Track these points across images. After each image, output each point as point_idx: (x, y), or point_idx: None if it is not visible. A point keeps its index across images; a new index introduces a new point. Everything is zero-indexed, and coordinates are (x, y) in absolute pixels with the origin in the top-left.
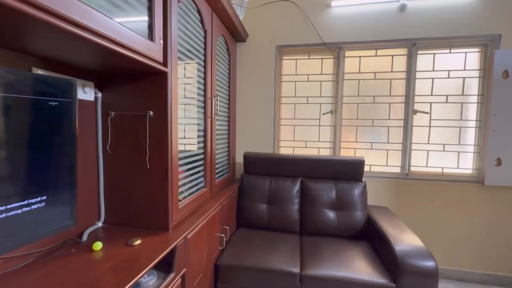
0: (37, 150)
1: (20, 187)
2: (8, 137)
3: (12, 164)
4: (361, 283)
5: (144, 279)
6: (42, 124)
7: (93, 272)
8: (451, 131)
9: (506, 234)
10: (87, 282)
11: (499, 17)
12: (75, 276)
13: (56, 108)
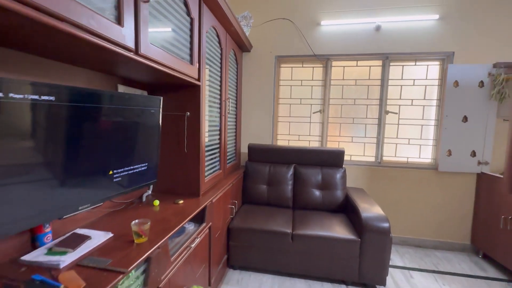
0: (145, 138)
1: (138, 158)
2: (133, 131)
3: (134, 147)
4: (335, 239)
5: (187, 225)
6: (146, 124)
7: (160, 215)
8: (414, 128)
9: (454, 209)
10: (159, 218)
11: (453, 38)
12: (151, 216)
13: (153, 114)
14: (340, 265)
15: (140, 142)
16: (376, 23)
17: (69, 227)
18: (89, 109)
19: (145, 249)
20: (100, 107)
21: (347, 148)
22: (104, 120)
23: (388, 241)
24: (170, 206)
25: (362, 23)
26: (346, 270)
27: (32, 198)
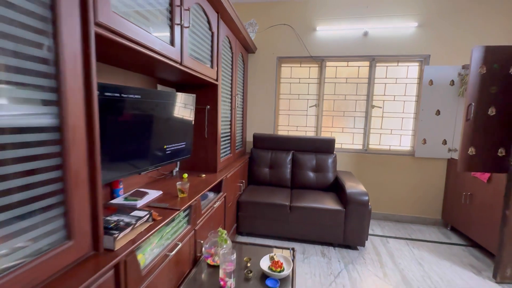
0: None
1: (180, 139)
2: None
3: (178, 131)
4: (325, 209)
5: (208, 194)
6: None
7: (192, 183)
8: (396, 120)
9: (427, 190)
10: (193, 184)
11: (429, 43)
12: None
13: (188, 109)
14: (328, 230)
15: (181, 128)
16: (364, 29)
17: (131, 187)
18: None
19: (187, 201)
20: (165, 102)
21: (338, 137)
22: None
23: (367, 211)
24: (195, 178)
25: (352, 29)
26: (334, 234)
27: (126, 161)
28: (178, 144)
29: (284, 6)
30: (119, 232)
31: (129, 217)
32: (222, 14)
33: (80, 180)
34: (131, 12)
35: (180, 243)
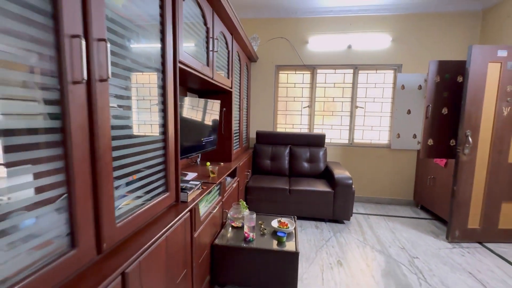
0: (214, 124)
1: (210, 133)
2: (210, 121)
3: (211, 128)
4: (318, 191)
5: (227, 178)
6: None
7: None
8: (375, 118)
9: (401, 176)
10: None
11: (401, 55)
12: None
13: (216, 111)
14: (320, 208)
15: (211, 125)
16: (349, 44)
17: None
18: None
19: (217, 179)
20: (206, 108)
21: (328, 133)
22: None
23: (351, 192)
24: (216, 165)
25: (338, 42)
26: (325, 211)
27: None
28: (209, 137)
29: (282, 22)
30: (188, 192)
31: (188, 185)
32: (235, 35)
33: (171, 159)
34: (186, 48)
35: (217, 206)
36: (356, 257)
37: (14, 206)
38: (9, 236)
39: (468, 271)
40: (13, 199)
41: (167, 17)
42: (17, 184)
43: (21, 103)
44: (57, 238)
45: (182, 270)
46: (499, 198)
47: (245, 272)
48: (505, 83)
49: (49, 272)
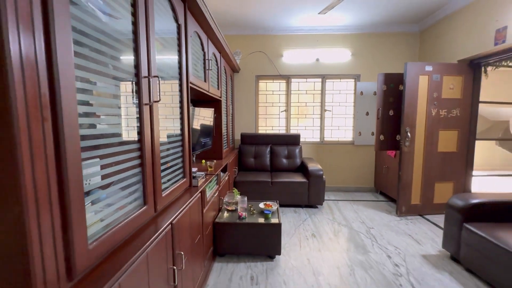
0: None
1: (207, 135)
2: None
3: (208, 131)
4: (295, 182)
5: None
6: (210, 121)
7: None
8: (341, 119)
9: (364, 167)
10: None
11: (359, 66)
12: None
13: (212, 117)
14: (298, 195)
15: (208, 129)
16: (317, 57)
17: None
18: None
19: (214, 172)
20: (208, 116)
21: (302, 133)
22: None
23: (322, 181)
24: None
25: (308, 55)
26: (301, 198)
27: None
28: (206, 138)
29: (260, 38)
30: (197, 179)
31: (195, 175)
32: (223, 53)
33: (187, 153)
34: (191, 70)
35: (215, 193)
36: (327, 230)
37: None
38: (96, 204)
39: (409, 234)
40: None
41: (183, 59)
42: (94, 172)
43: (116, 118)
44: (131, 204)
45: (197, 235)
46: (433, 180)
47: (240, 243)
48: (432, 91)
49: (129, 222)
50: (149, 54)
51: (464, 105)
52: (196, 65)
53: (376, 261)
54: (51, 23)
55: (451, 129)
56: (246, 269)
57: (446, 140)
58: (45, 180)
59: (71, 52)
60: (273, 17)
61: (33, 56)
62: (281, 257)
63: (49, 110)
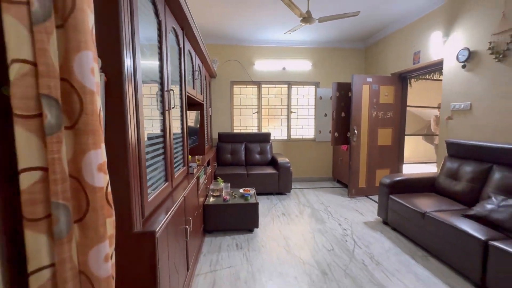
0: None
1: (195, 133)
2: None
3: (194, 130)
4: (267, 173)
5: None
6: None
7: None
8: (305, 120)
9: (324, 160)
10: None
11: (319, 74)
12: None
13: (198, 118)
14: (269, 185)
15: (195, 129)
16: (283, 66)
17: None
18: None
19: (202, 164)
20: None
21: (272, 132)
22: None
23: (289, 172)
24: (194, 158)
25: (276, 65)
26: (272, 187)
27: None
28: (194, 136)
29: (235, 48)
30: (193, 168)
31: (191, 165)
32: (205, 64)
33: (185, 146)
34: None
35: (203, 182)
36: (294, 210)
37: None
38: (148, 175)
39: (356, 209)
40: None
41: (182, 75)
42: None
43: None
44: (160, 179)
45: (195, 212)
46: (375, 167)
47: (225, 221)
48: (372, 97)
49: (160, 191)
50: (168, 76)
51: (395, 108)
52: (187, 76)
53: (331, 228)
54: (137, 51)
55: (386, 127)
56: (232, 240)
57: (383, 136)
58: (136, 157)
59: (140, 70)
60: (247, 31)
61: (131, 68)
62: (258, 230)
63: (134, 107)
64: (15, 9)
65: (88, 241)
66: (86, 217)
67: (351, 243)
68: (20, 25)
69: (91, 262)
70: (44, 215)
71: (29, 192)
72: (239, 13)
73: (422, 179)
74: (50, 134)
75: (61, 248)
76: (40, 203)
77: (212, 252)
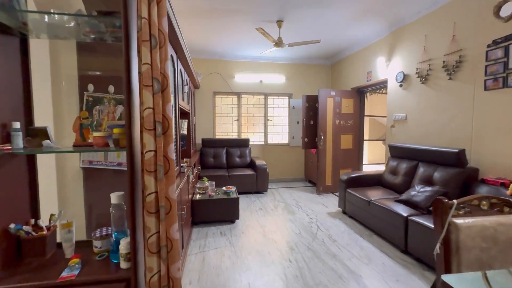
0: (185, 135)
1: (184, 139)
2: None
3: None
4: (246, 174)
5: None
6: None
7: None
8: (280, 127)
9: (297, 162)
10: None
11: (292, 86)
12: None
13: (187, 126)
14: (249, 185)
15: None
16: (260, 79)
17: None
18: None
19: (190, 165)
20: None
21: (251, 137)
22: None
23: (266, 174)
24: (183, 161)
25: (254, 78)
26: (251, 187)
27: None
28: (183, 141)
29: (217, 63)
30: (184, 168)
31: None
32: (191, 78)
33: (178, 150)
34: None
35: (191, 180)
36: (270, 205)
37: None
38: None
39: (322, 203)
40: None
41: (176, 90)
42: None
43: None
44: None
45: (186, 204)
46: (339, 168)
47: (210, 214)
48: (335, 108)
49: None
50: None
51: (355, 117)
52: (179, 91)
53: (300, 218)
54: None
55: (348, 133)
56: (216, 229)
57: (345, 141)
58: None
59: None
60: (228, 49)
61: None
62: (239, 221)
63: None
64: (147, 88)
65: (169, 182)
66: (168, 172)
67: (315, 228)
68: (149, 94)
69: (170, 191)
70: (153, 170)
71: (148, 160)
72: (222, 35)
73: (372, 176)
74: (158, 136)
75: (159, 184)
76: (153, 164)
77: (200, 238)
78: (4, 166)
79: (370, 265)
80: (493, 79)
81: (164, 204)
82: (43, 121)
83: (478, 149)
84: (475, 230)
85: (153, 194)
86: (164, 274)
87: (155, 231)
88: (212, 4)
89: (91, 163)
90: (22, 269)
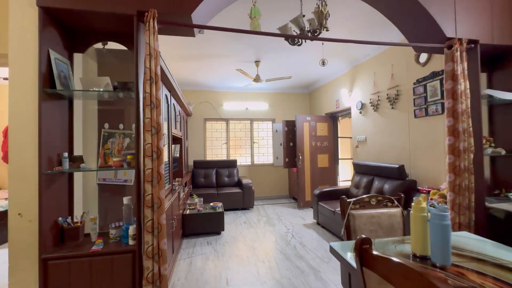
0: (177, 157)
1: (176, 161)
2: (175, 155)
3: (175, 160)
4: (233, 192)
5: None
6: (177, 153)
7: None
8: (265, 148)
9: (281, 181)
10: None
11: (274, 112)
12: None
13: (178, 150)
14: (236, 201)
15: (176, 158)
16: (246, 106)
17: None
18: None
19: (182, 183)
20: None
21: (238, 159)
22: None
23: (251, 191)
24: (175, 180)
25: (240, 105)
26: (238, 203)
27: None
28: (175, 163)
29: (207, 93)
30: (176, 186)
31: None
32: (183, 108)
33: (171, 170)
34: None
35: (182, 197)
36: (254, 219)
37: None
38: None
39: (301, 217)
40: None
41: (169, 120)
42: None
43: None
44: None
45: (177, 216)
46: (317, 184)
47: (199, 227)
48: (311, 132)
49: None
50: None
51: (329, 139)
52: (172, 121)
53: (279, 229)
54: None
55: (324, 153)
56: (204, 239)
57: (322, 160)
58: None
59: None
60: (216, 81)
61: None
62: (224, 232)
63: None
64: (148, 132)
65: (160, 187)
66: (159, 182)
67: (290, 236)
68: (149, 135)
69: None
70: (150, 180)
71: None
72: (209, 73)
73: (341, 190)
74: (154, 160)
75: (154, 189)
76: (150, 177)
77: (189, 247)
78: (57, 180)
79: (330, 263)
80: (419, 109)
81: (157, 202)
82: (77, 151)
83: (414, 164)
84: (365, 217)
85: (150, 195)
86: (156, 246)
87: (150, 218)
88: (199, 51)
89: (105, 180)
90: (66, 247)
